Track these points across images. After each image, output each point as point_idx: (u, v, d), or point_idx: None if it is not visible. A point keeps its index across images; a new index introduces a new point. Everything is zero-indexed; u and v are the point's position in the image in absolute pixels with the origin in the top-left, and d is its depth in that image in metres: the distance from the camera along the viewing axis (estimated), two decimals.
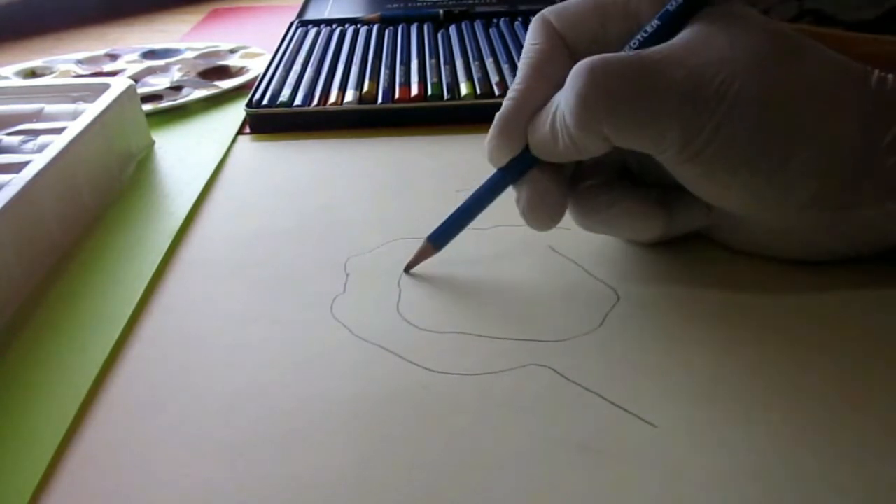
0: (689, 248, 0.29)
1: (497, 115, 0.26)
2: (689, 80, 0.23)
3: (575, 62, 0.24)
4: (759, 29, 0.24)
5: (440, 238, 0.28)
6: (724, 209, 0.26)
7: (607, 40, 0.26)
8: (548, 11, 0.27)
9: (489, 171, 0.27)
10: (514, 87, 0.26)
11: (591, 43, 0.26)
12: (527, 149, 0.26)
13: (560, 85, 0.25)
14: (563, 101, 0.24)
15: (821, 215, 0.24)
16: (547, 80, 0.26)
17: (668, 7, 0.25)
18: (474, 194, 0.27)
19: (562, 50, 0.26)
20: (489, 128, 0.27)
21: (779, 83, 0.23)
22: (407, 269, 0.28)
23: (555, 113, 0.24)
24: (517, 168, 0.26)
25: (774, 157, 0.23)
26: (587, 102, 0.23)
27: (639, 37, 0.25)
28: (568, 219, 0.27)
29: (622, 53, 0.24)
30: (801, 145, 0.23)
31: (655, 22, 0.25)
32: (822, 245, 0.26)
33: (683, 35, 0.24)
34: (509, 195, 0.27)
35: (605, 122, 0.23)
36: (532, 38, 0.27)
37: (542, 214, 0.26)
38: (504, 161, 0.26)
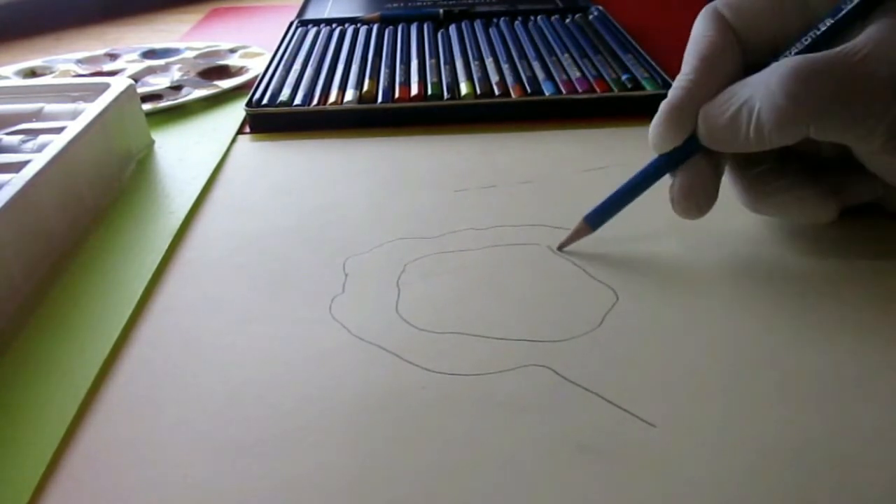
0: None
1: (664, 102, 0.27)
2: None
3: (746, 57, 0.25)
4: None
5: (597, 218, 0.29)
6: None
7: (783, 35, 0.26)
8: (720, 4, 0.27)
9: (488, 170, 0.27)
10: (684, 76, 0.27)
11: (765, 38, 0.26)
12: (691, 137, 0.26)
13: (730, 78, 0.26)
14: (762, 100, 0.24)
15: None
16: (718, 72, 0.26)
17: (845, 4, 0.25)
18: (633, 178, 0.28)
19: (734, 43, 0.26)
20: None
21: None
22: (561, 247, 0.29)
23: (741, 106, 0.25)
24: (679, 155, 0.27)
25: None
26: (797, 102, 0.23)
27: (812, 33, 0.25)
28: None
29: (823, 53, 0.24)
30: None
31: (828, 20, 0.25)
32: None
33: (874, 32, 0.24)
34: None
35: (814, 122, 0.24)
36: (703, 29, 0.27)
37: (696, 202, 0.26)
38: (669, 148, 0.27)
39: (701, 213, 0.27)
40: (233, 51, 0.57)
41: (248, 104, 0.44)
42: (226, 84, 0.50)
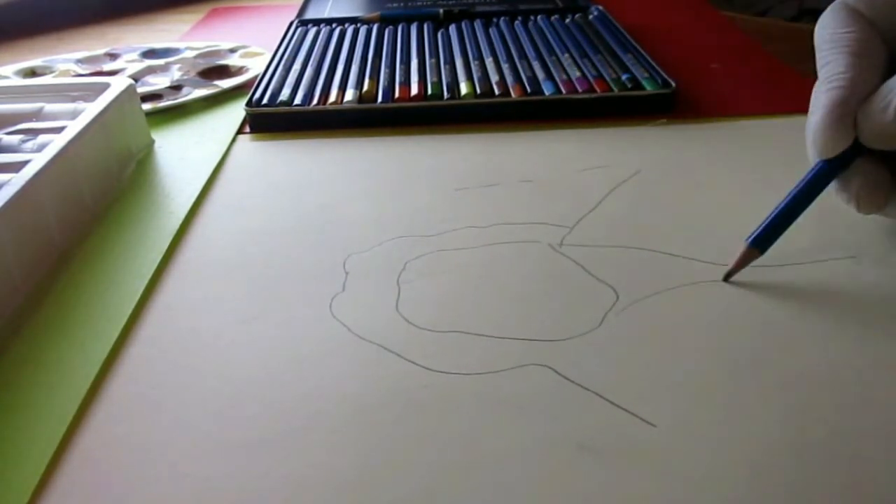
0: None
1: (823, 105, 0.25)
2: None
3: (889, 49, 0.24)
4: None
5: (764, 241, 0.27)
6: None
7: None
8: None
9: (488, 170, 0.27)
10: (839, 75, 0.25)
11: None
12: (852, 144, 0.25)
13: (882, 72, 0.25)
14: None
15: None
16: (873, 67, 0.25)
17: None
18: (795, 192, 0.26)
19: (877, 37, 0.26)
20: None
21: None
22: (727, 278, 0.27)
23: (893, 98, 0.24)
24: (842, 159, 0.26)
25: None
26: None
27: None
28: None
29: None
30: None
31: None
32: None
33: None
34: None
35: None
36: (840, 25, 0.26)
37: (877, 197, 0.25)
38: (838, 151, 0.25)
39: (885, 205, 0.26)
40: (233, 51, 0.57)
41: (248, 104, 0.44)
42: (226, 84, 0.50)
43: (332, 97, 0.43)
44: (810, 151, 0.27)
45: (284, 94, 0.44)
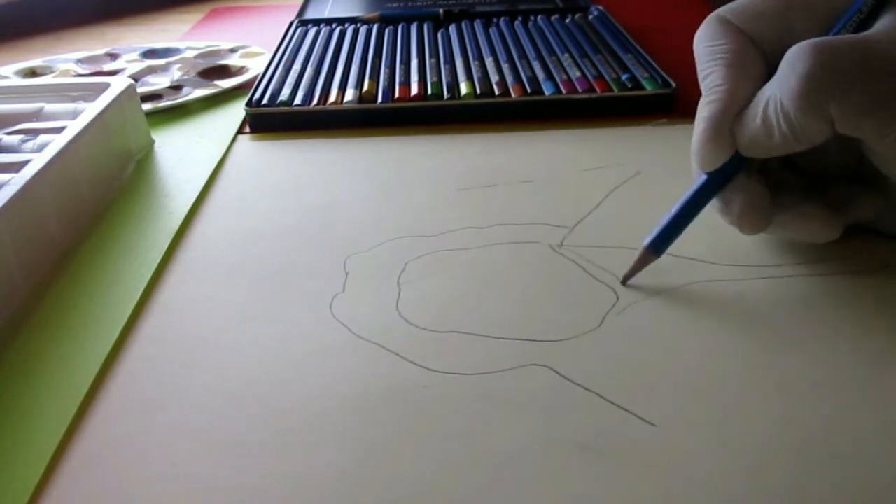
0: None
1: (702, 118, 0.26)
2: None
3: (765, 59, 0.24)
4: None
5: (659, 245, 0.27)
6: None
7: (792, 36, 0.25)
8: (724, 11, 0.27)
9: (488, 170, 0.27)
10: (715, 88, 0.26)
11: (776, 40, 0.26)
12: (734, 155, 0.26)
13: (759, 82, 0.25)
14: (781, 88, 0.24)
15: None
16: (748, 78, 0.25)
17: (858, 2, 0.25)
18: (685, 199, 0.27)
19: (753, 47, 0.26)
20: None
21: None
22: (624, 282, 0.27)
23: (766, 105, 0.24)
24: (724, 172, 0.26)
25: None
26: (813, 83, 0.23)
27: (836, 28, 0.25)
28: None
29: (840, 36, 0.24)
30: None
31: (854, 12, 0.25)
32: None
33: (892, 21, 0.24)
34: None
35: (835, 103, 0.23)
36: (714, 38, 0.26)
37: (759, 218, 0.26)
38: (718, 164, 0.26)
39: (766, 227, 0.26)
40: (233, 51, 0.57)
41: (248, 104, 0.44)
42: (226, 84, 0.50)
43: (332, 97, 0.43)
44: (693, 165, 0.27)
45: (284, 94, 0.44)
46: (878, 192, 0.27)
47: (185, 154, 0.40)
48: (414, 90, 0.44)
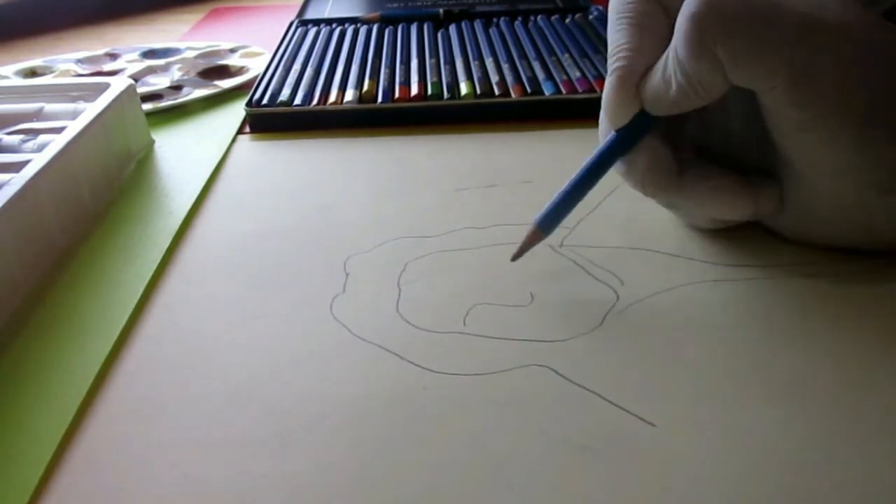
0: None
1: (610, 75, 0.26)
2: (810, 12, 0.22)
3: (672, 19, 0.24)
4: None
5: (549, 221, 0.27)
6: (797, 187, 0.26)
7: None
8: None
9: (488, 170, 0.27)
10: (621, 46, 0.26)
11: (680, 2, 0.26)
12: (639, 113, 0.26)
13: (665, 42, 0.25)
14: (675, 36, 0.24)
15: (890, 201, 0.24)
16: (653, 36, 0.26)
17: None
18: (583, 168, 0.27)
19: (659, 8, 0.26)
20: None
21: None
22: (514, 258, 0.27)
23: (665, 59, 0.25)
24: (631, 133, 0.26)
25: None
26: (702, 23, 0.23)
27: None
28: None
29: None
30: None
31: None
32: (880, 233, 0.26)
33: None
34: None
35: (721, 45, 0.23)
36: (623, 0, 0.27)
37: (661, 179, 0.26)
38: (627, 118, 0.26)
39: (670, 191, 0.26)
40: (233, 51, 0.57)
41: (248, 104, 0.44)
42: (226, 84, 0.50)
43: (332, 97, 0.43)
44: (601, 126, 0.27)
45: (284, 94, 0.44)
46: (778, 183, 0.26)
47: (185, 154, 0.40)
48: (414, 90, 0.44)
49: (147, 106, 0.45)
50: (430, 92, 0.43)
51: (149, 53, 0.57)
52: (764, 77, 0.23)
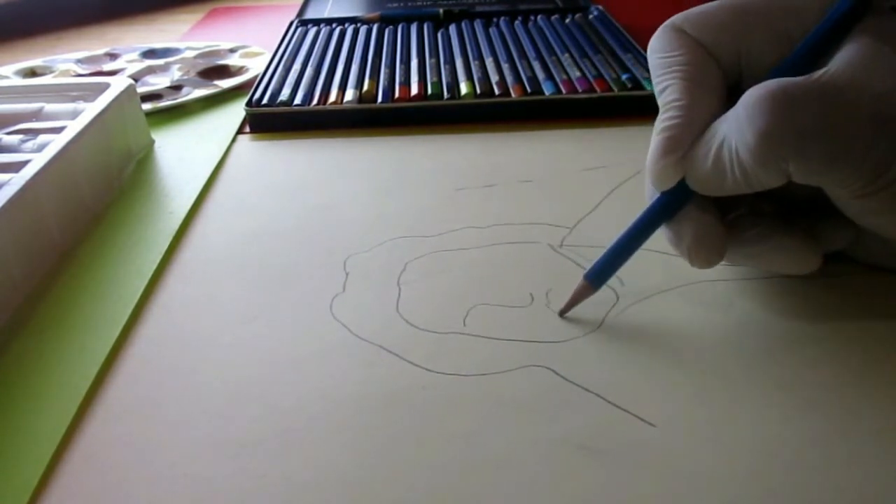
0: None
1: (659, 133, 0.24)
2: (880, 109, 0.21)
3: (723, 74, 0.23)
4: None
5: (599, 277, 0.26)
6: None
7: (750, 52, 0.24)
8: (679, 20, 0.25)
9: (488, 170, 0.27)
10: (674, 102, 0.24)
11: (734, 53, 0.24)
12: (683, 181, 0.24)
13: (718, 97, 0.24)
14: (736, 137, 0.22)
15: None
16: (709, 92, 0.24)
17: (828, 20, 0.23)
18: (630, 229, 0.25)
19: (710, 60, 0.24)
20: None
21: None
22: (562, 314, 0.26)
23: (720, 146, 0.22)
24: (676, 198, 0.24)
25: None
26: (772, 139, 0.21)
27: (793, 56, 0.23)
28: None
29: (800, 80, 0.22)
30: None
31: (811, 38, 0.23)
32: None
33: (852, 56, 0.22)
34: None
35: (793, 160, 0.21)
36: (669, 49, 0.25)
37: (710, 251, 0.24)
38: (673, 183, 0.24)
39: (719, 261, 0.24)
40: (233, 50, 0.57)
41: (248, 104, 0.44)
42: (226, 84, 0.50)
43: (332, 97, 0.43)
44: (647, 184, 0.25)
45: (284, 94, 0.44)
46: (848, 222, 0.25)
47: (185, 154, 0.40)
48: (414, 90, 0.44)
49: (147, 106, 0.45)
50: (430, 92, 0.43)
51: (149, 53, 0.57)
52: (836, 184, 0.22)
